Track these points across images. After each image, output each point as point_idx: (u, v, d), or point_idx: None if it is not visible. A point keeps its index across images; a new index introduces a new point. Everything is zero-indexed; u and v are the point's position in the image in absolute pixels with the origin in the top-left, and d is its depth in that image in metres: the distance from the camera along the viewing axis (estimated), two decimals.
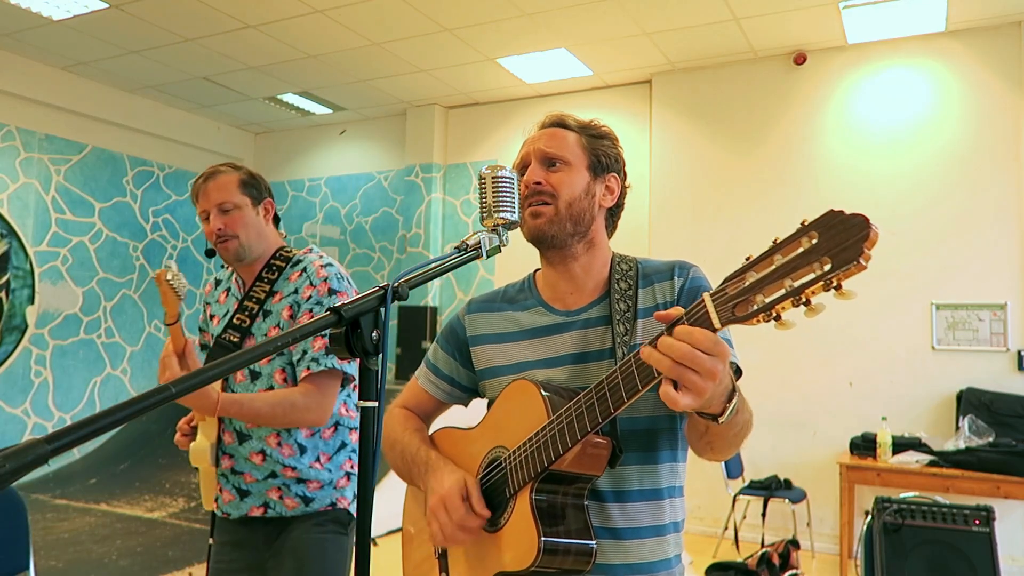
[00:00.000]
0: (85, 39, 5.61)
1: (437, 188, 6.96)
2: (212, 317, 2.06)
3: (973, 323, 4.87)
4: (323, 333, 1.41)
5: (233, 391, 1.87)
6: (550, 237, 1.28)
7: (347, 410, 1.94)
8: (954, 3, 4.68)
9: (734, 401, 0.99)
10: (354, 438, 1.91)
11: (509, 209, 1.22)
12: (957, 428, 4.53)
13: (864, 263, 0.77)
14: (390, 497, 1.89)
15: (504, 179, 1.23)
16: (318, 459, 1.88)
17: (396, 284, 1.05)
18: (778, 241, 0.84)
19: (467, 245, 1.19)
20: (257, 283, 1.94)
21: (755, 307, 0.84)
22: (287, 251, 1.98)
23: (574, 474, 1.14)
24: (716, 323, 0.88)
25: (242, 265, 1.96)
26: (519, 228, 1.30)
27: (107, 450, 6.38)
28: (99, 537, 4.80)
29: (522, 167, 1.35)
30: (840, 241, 0.79)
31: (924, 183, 5.07)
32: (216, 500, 1.95)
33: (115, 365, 6.87)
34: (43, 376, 6.30)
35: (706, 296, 0.90)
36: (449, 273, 2.11)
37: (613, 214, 1.38)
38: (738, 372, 1.18)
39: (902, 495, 3.17)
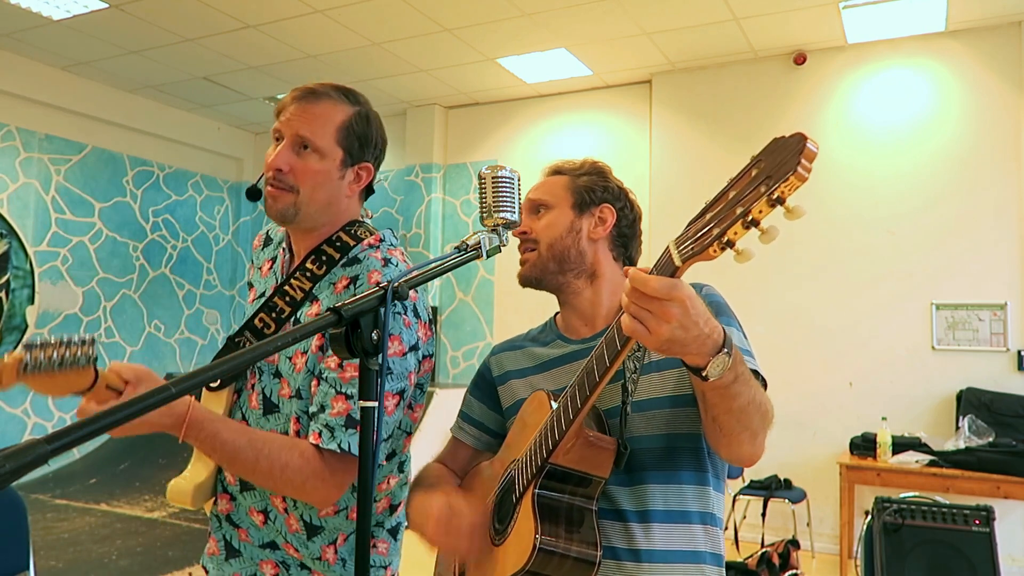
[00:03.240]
0: (85, 39, 5.61)
1: (437, 188, 6.96)
2: (250, 286, 1.56)
3: (973, 323, 4.87)
4: (349, 394, 1.26)
5: (246, 419, 1.37)
6: (535, 280, 1.34)
7: (388, 482, 1.41)
8: (954, 3, 4.68)
9: (720, 358, 0.95)
10: (379, 507, 1.42)
11: (509, 209, 1.23)
12: (957, 428, 4.53)
13: (803, 173, 0.79)
14: None
15: (504, 179, 1.23)
16: (333, 542, 1.34)
17: (396, 284, 1.05)
18: (732, 178, 0.86)
19: (467, 245, 1.19)
20: (298, 274, 1.38)
21: (710, 238, 0.85)
22: (350, 231, 1.40)
23: (578, 473, 1.13)
24: (677, 262, 0.89)
25: (296, 230, 1.42)
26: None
27: (107, 450, 6.38)
28: (99, 537, 4.80)
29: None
30: (780, 159, 0.81)
31: (924, 183, 5.07)
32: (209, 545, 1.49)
33: None
34: None
35: (670, 242, 0.91)
36: (449, 273, 2.11)
37: (622, 245, 1.39)
38: (763, 383, 1.16)
39: (902, 495, 3.17)
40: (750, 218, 0.82)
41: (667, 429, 1.20)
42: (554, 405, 1.15)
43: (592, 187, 1.37)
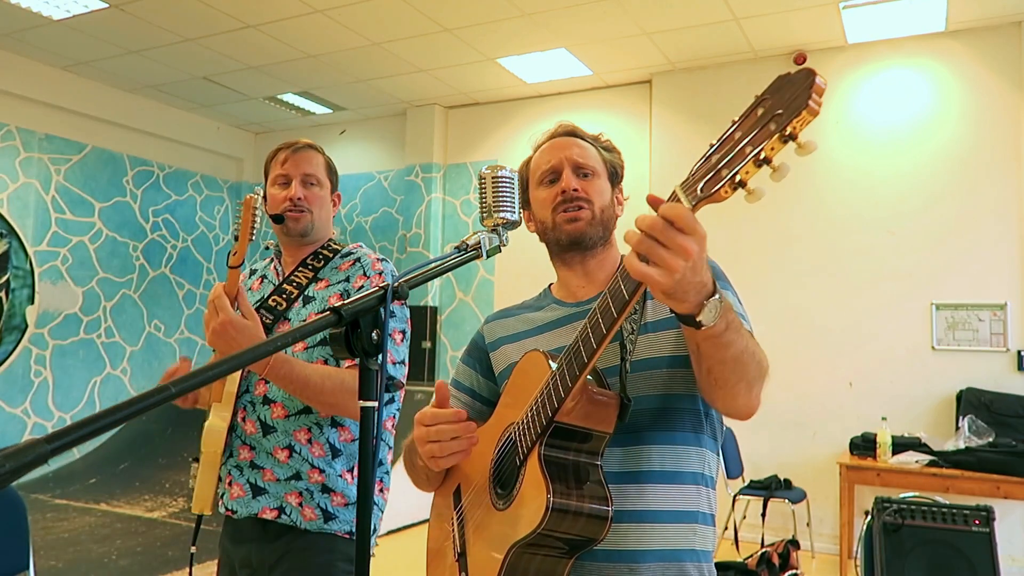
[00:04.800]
0: (85, 39, 5.61)
1: (437, 188, 6.96)
2: None
3: (973, 323, 4.87)
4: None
5: (264, 377, 1.71)
6: (589, 239, 1.32)
7: (392, 425, 1.79)
8: (954, 3, 4.68)
9: (713, 302, 0.94)
10: (388, 458, 1.79)
11: (509, 209, 1.22)
12: (957, 428, 4.53)
13: (815, 107, 0.78)
14: (390, 497, 1.89)
15: (504, 179, 1.23)
16: (351, 469, 1.72)
17: (396, 284, 1.05)
18: (736, 119, 0.85)
19: (467, 245, 1.19)
20: (300, 268, 1.85)
21: (721, 179, 0.84)
22: (336, 243, 1.92)
23: (583, 430, 1.11)
24: (686, 204, 0.87)
25: (300, 244, 1.88)
26: (522, 227, 1.33)
27: (107, 450, 6.38)
28: (99, 537, 4.80)
29: (551, 174, 1.36)
30: (789, 95, 0.80)
31: (924, 183, 5.07)
32: (222, 496, 1.75)
33: (115, 365, 6.87)
34: (43, 376, 6.30)
35: (677, 186, 0.89)
36: (449, 273, 2.12)
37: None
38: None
39: (902, 495, 3.17)
40: (762, 156, 0.81)
41: (665, 390, 1.20)
42: (552, 365, 1.13)
43: (619, 165, 1.41)
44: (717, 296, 0.94)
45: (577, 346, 1.06)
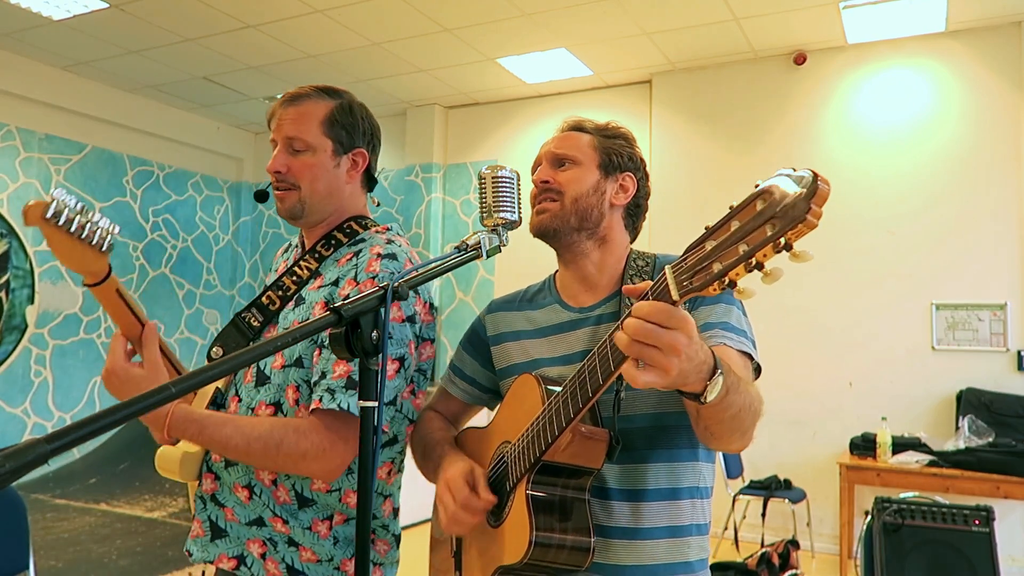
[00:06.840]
0: (85, 39, 5.61)
1: (437, 188, 6.96)
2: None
3: (973, 323, 4.87)
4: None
5: (239, 394, 1.41)
6: (552, 231, 1.30)
7: (388, 473, 1.42)
8: (954, 3, 4.68)
9: (717, 380, 0.93)
10: (385, 510, 1.43)
11: (509, 209, 1.23)
12: (957, 428, 4.53)
13: (814, 220, 0.74)
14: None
15: (504, 179, 1.23)
16: (328, 518, 1.34)
17: (396, 284, 1.05)
18: (734, 206, 0.82)
19: (467, 245, 1.19)
20: (307, 256, 1.45)
21: (710, 276, 0.81)
22: (361, 222, 1.48)
23: (571, 466, 1.13)
24: (675, 295, 0.85)
25: (301, 225, 1.49)
26: (522, 227, 1.32)
27: (107, 450, 6.38)
28: (99, 537, 4.80)
29: (534, 169, 1.37)
30: (789, 201, 0.76)
31: (924, 183, 5.07)
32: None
33: None
34: (43, 376, 6.30)
35: (667, 269, 0.87)
36: (449, 273, 2.12)
37: (633, 216, 1.38)
38: (758, 370, 1.19)
39: (902, 495, 3.16)
40: (754, 262, 0.78)
41: (660, 407, 1.20)
42: (548, 388, 1.15)
43: (619, 152, 1.35)
44: (720, 372, 0.93)
45: (566, 397, 1.07)
